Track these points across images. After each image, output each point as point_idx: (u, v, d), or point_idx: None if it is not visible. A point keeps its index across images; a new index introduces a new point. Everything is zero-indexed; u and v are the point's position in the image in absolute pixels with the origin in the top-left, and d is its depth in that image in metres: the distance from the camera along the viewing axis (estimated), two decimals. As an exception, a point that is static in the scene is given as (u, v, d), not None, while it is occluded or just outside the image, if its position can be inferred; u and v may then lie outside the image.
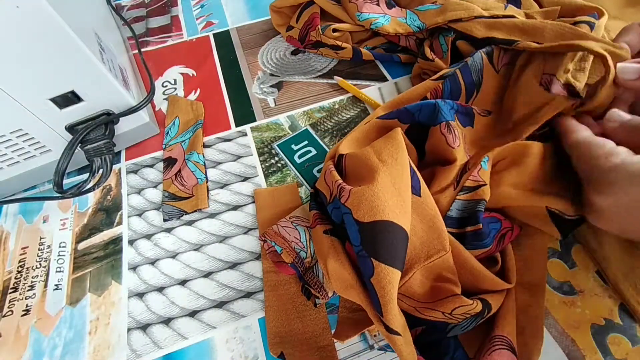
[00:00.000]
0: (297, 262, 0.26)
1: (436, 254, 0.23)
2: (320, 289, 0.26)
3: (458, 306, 0.21)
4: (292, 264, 0.26)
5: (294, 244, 0.27)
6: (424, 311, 0.22)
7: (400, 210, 0.22)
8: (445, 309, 0.21)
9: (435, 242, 0.23)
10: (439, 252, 0.23)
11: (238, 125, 0.39)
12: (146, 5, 0.54)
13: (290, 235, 0.27)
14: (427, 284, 0.23)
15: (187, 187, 0.34)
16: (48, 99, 0.29)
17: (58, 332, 0.28)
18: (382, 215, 0.22)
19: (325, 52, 0.42)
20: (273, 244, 0.27)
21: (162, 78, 0.44)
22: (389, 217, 0.21)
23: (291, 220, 0.28)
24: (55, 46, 0.27)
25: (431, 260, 0.23)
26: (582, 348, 0.23)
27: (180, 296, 0.29)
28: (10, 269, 0.31)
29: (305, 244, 0.27)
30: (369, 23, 0.39)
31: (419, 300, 0.23)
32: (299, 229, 0.28)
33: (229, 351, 0.26)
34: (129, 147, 0.38)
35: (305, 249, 0.27)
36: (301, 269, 0.26)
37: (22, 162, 0.33)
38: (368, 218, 0.22)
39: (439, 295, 0.22)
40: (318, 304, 0.26)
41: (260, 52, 0.46)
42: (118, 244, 0.32)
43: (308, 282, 0.26)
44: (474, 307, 0.21)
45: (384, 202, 0.22)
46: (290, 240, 0.27)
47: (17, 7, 0.24)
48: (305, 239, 0.27)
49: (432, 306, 0.22)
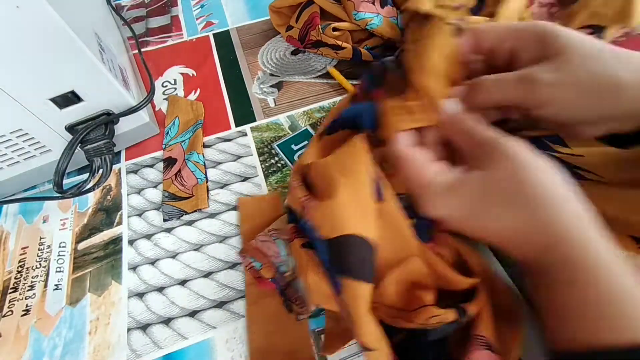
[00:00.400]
0: (278, 277, 0.26)
1: (406, 259, 0.23)
2: (302, 303, 0.25)
3: (431, 316, 0.21)
4: (272, 279, 0.26)
5: (273, 258, 0.26)
6: (400, 322, 0.22)
7: (363, 221, 0.22)
8: (419, 320, 0.21)
9: (404, 246, 0.23)
10: (409, 256, 0.23)
11: (238, 125, 0.39)
12: (146, 5, 0.54)
13: (269, 250, 0.27)
14: (402, 290, 0.23)
15: (187, 187, 0.34)
16: (48, 99, 0.29)
17: (58, 332, 0.28)
18: (345, 229, 0.22)
19: (326, 52, 0.42)
20: (252, 260, 0.26)
21: (162, 78, 0.44)
22: (352, 230, 0.21)
23: (270, 234, 0.28)
24: (55, 46, 0.27)
25: (402, 267, 0.23)
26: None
27: (180, 296, 0.29)
28: (10, 269, 0.31)
29: (285, 258, 0.27)
30: (364, 23, 0.39)
31: (395, 307, 0.23)
32: (278, 243, 0.27)
33: (228, 351, 0.26)
34: (129, 147, 0.38)
35: (285, 263, 0.26)
36: (282, 284, 0.26)
37: (22, 162, 0.33)
38: (333, 234, 0.22)
39: (413, 303, 0.22)
40: (300, 319, 0.26)
41: (260, 52, 0.46)
42: (118, 244, 0.32)
43: (289, 298, 0.26)
44: (447, 317, 0.21)
45: (345, 217, 0.22)
46: (269, 255, 0.27)
47: (17, 7, 0.24)
48: (285, 252, 0.27)
49: (407, 317, 0.22)
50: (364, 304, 0.20)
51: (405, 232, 0.24)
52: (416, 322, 0.21)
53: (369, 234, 0.22)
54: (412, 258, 0.23)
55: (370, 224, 0.22)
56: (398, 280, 0.23)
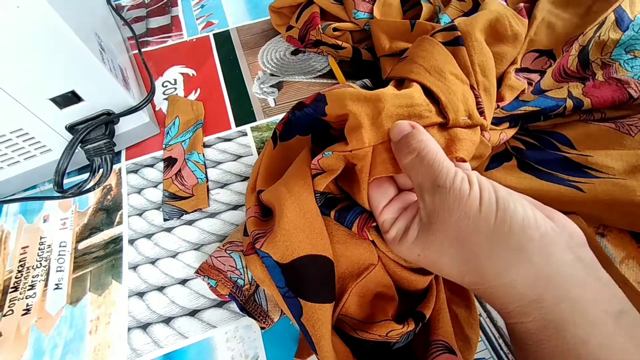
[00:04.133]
0: (236, 291, 0.25)
1: (366, 270, 0.23)
2: (265, 317, 0.25)
3: (390, 330, 0.21)
4: (229, 295, 0.25)
5: (229, 273, 0.26)
6: (362, 334, 0.22)
7: (316, 239, 0.22)
8: (380, 332, 0.21)
9: (363, 257, 0.24)
10: (369, 267, 0.23)
11: (238, 125, 0.39)
12: (146, 5, 0.54)
13: (225, 265, 0.26)
14: (364, 301, 0.23)
15: (187, 187, 0.34)
16: (48, 99, 0.30)
17: (58, 331, 0.28)
18: (299, 251, 0.22)
19: (327, 50, 0.42)
20: (206, 278, 0.26)
21: (162, 78, 0.44)
22: (306, 251, 0.22)
23: (225, 248, 0.28)
24: (55, 46, 0.27)
25: (363, 277, 0.23)
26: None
27: (180, 295, 0.29)
28: (10, 269, 0.31)
29: (242, 271, 0.26)
30: (363, 23, 0.39)
31: (358, 319, 0.23)
32: (234, 256, 0.27)
33: (229, 350, 0.26)
34: (129, 147, 0.38)
35: (242, 277, 0.26)
36: (241, 299, 0.25)
37: (22, 162, 0.33)
38: (287, 258, 0.22)
39: (375, 315, 0.23)
40: (264, 331, 0.26)
41: (260, 52, 0.46)
42: (118, 243, 0.32)
43: (250, 313, 0.25)
44: (406, 329, 0.21)
45: (296, 238, 0.22)
46: (225, 270, 0.26)
47: (17, 7, 0.24)
48: (242, 265, 0.26)
49: (368, 329, 0.22)
50: (323, 326, 0.21)
51: (364, 243, 0.24)
52: (377, 334, 0.21)
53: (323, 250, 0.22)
54: (372, 268, 0.23)
55: (324, 239, 0.22)
56: (359, 292, 0.23)
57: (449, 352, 0.21)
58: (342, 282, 0.23)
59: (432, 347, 0.22)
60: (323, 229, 0.23)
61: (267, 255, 0.23)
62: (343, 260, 0.23)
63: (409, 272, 0.23)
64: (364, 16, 0.39)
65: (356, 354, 0.22)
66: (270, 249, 0.23)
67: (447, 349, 0.21)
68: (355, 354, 0.22)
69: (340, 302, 0.23)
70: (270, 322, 0.25)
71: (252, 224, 0.25)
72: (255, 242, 0.24)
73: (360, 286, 0.23)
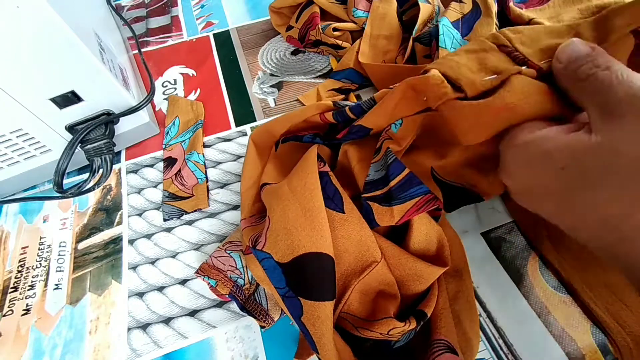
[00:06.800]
0: (236, 291, 0.25)
1: (369, 267, 0.23)
2: (265, 316, 0.25)
3: (392, 328, 0.21)
4: (230, 295, 0.25)
5: (229, 272, 0.26)
6: (364, 332, 0.22)
7: (317, 236, 0.22)
8: (382, 330, 0.21)
9: (366, 254, 0.23)
10: (371, 264, 0.23)
11: (238, 125, 0.39)
12: (146, 5, 0.54)
13: (225, 264, 0.26)
14: (366, 299, 0.23)
15: (187, 187, 0.34)
16: (48, 99, 0.30)
17: (58, 331, 0.28)
18: (301, 249, 0.22)
19: (327, 50, 0.42)
20: (206, 278, 0.26)
21: (162, 78, 0.44)
22: (307, 249, 0.22)
23: (225, 248, 0.28)
24: (55, 46, 0.27)
25: (366, 274, 0.23)
26: (581, 347, 0.24)
27: (180, 295, 0.29)
28: (10, 269, 0.31)
29: (242, 271, 0.26)
30: (362, 22, 0.39)
31: (360, 317, 0.23)
32: (234, 256, 0.27)
33: (229, 350, 0.26)
34: (129, 147, 0.38)
35: (242, 276, 0.26)
36: (241, 298, 0.25)
37: (22, 162, 0.33)
38: (288, 257, 0.22)
39: (377, 313, 0.22)
40: (265, 330, 0.26)
41: (260, 52, 0.46)
42: (118, 243, 0.32)
43: (251, 312, 0.25)
44: (407, 327, 0.21)
45: (298, 236, 0.22)
46: (225, 270, 0.26)
47: (17, 7, 0.24)
48: (242, 265, 0.26)
49: (369, 327, 0.22)
50: (324, 324, 0.20)
51: (368, 240, 0.24)
52: (378, 331, 0.21)
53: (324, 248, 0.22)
54: (375, 265, 0.23)
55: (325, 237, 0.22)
56: (362, 290, 0.23)
57: (451, 352, 0.21)
58: (344, 279, 0.23)
59: (433, 346, 0.21)
60: (325, 226, 0.23)
61: (268, 256, 0.23)
62: (346, 256, 0.23)
63: (421, 263, 0.23)
64: (363, 14, 0.39)
65: (357, 353, 0.22)
66: (271, 249, 0.23)
67: (448, 349, 0.21)
68: (355, 353, 0.22)
69: (342, 299, 0.23)
70: (270, 321, 0.25)
71: (248, 233, 0.25)
72: (255, 245, 0.24)
73: (362, 283, 0.23)
